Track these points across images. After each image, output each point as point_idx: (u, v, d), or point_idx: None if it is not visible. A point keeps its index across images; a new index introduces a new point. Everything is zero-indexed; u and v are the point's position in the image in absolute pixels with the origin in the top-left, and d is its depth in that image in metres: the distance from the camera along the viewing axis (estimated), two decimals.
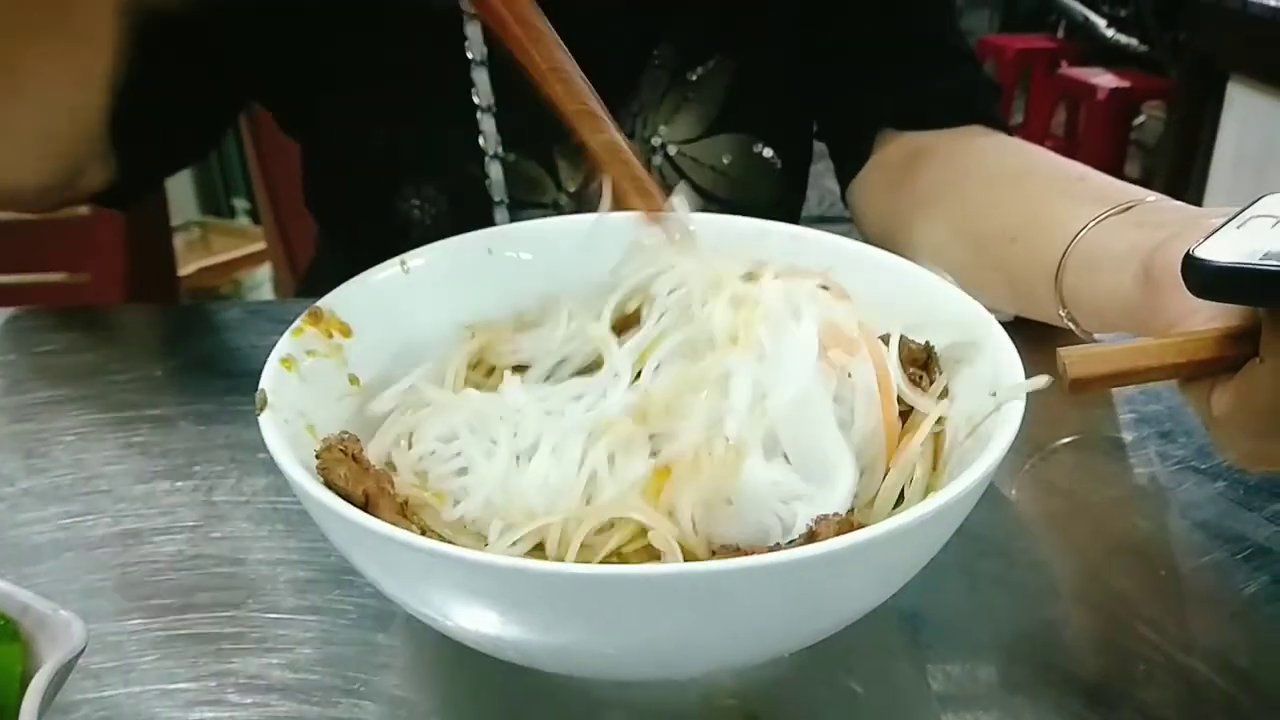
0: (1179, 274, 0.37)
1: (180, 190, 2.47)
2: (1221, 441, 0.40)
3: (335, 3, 0.72)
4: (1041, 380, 0.40)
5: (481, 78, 0.72)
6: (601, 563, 0.40)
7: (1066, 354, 0.37)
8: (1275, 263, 0.34)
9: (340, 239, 0.90)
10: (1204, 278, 0.35)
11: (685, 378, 0.44)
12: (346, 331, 0.48)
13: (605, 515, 0.40)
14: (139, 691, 0.42)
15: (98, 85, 0.59)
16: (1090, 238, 0.53)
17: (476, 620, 0.36)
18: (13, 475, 0.54)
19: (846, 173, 0.80)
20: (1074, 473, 0.57)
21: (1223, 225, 0.37)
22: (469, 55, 0.72)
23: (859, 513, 0.42)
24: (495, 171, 0.74)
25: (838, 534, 0.36)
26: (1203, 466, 0.55)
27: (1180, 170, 2.64)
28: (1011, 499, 0.54)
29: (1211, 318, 0.39)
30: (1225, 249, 0.35)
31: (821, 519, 0.38)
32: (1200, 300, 0.38)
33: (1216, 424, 0.39)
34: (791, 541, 0.38)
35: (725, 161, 0.78)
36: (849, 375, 0.43)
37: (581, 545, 0.40)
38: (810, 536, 0.37)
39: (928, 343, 0.47)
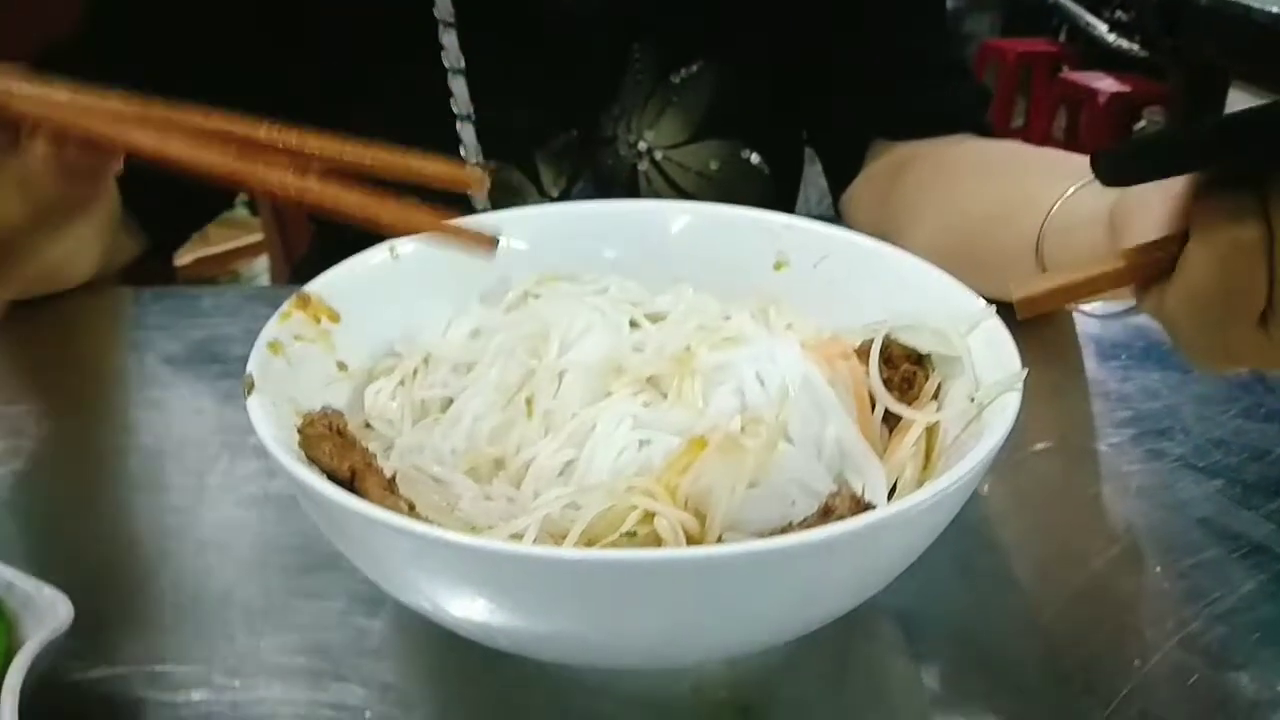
0: (1129, 212, 0.39)
1: None
2: (1187, 349, 0.40)
3: (311, 17, 0.71)
4: (1018, 373, 0.40)
5: (459, 86, 0.72)
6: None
7: (1014, 282, 0.38)
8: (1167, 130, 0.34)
9: (334, 235, 0.89)
10: (1106, 162, 0.36)
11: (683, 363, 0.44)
12: (334, 317, 0.47)
13: (606, 502, 0.39)
14: (125, 673, 0.41)
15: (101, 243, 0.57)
16: (1065, 206, 0.54)
17: (465, 606, 0.36)
18: (1, 456, 0.53)
19: (839, 184, 0.80)
20: (1070, 469, 0.56)
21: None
22: (445, 64, 0.71)
23: None
24: (476, 179, 0.74)
25: (852, 510, 0.36)
26: (1200, 464, 0.55)
27: None
28: (1007, 495, 0.53)
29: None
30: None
31: (836, 494, 0.37)
32: (1148, 227, 0.39)
33: (1175, 326, 0.39)
34: (805, 519, 0.38)
35: (712, 167, 0.78)
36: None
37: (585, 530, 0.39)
38: (826, 511, 0.37)
39: (925, 356, 0.47)
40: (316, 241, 0.99)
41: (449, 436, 0.44)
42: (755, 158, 0.79)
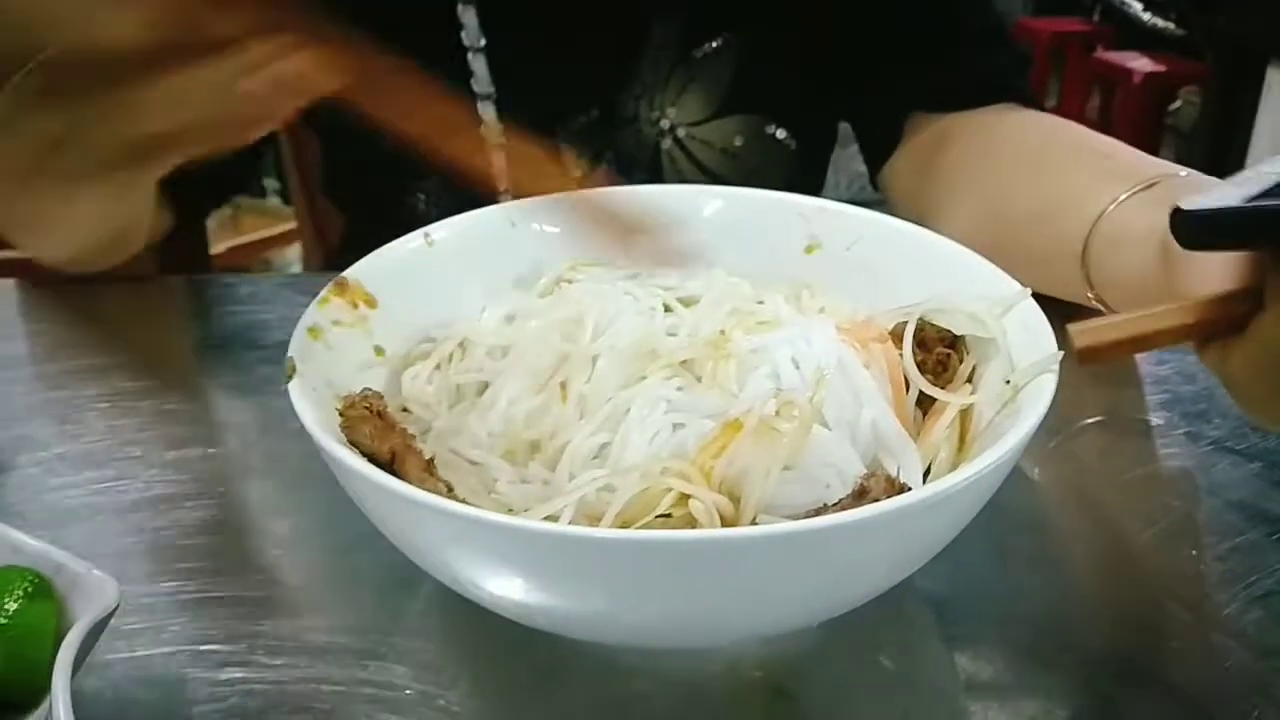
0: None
1: None
2: (1242, 403, 0.40)
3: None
4: (1054, 355, 0.40)
5: (480, 65, 0.71)
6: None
7: (1074, 327, 0.37)
8: (1259, 203, 0.33)
9: (363, 229, 0.90)
10: (1188, 226, 0.35)
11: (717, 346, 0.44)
12: (372, 302, 0.48)
13: (642, 484, 0.39)
14: (170, 652, 0.42)
15: (144, 205, 0.58)
16: (1113, 217, 0.52)
17: (503, 586, 0.36)
18: (47, 440, 0.54)
19: (877, 158, 0.79)
20: (1106, 452, 0.56)
21: (1219, 184, 0.37)
22: (465, 42, 0.71)
23: None
24: (499, 160, 0.74)
25: (887, 492, 0.36)
26: (1237, 447, 0.54)
27: (1216, 157, 2.60)
28: (1041, 478, 0.53)
29: (1223, 285, 0.38)
30: (1212, 200, 0.35)
31: (871, 475, 0.37)
32: (1211, 268, 0.38)
33: (1235, 385, 0.38)
34: (840, 500, 0.38)
35: (737, 144, 0.77)
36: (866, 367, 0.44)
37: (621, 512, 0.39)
38: (861, 493, 0.37)
39: (960, 337, 0.47)
40: (350, 230, 0.99)
41: (485, 420, 0.45)
42: (781, 133, 0.78)
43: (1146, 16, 3.26)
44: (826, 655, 0.43)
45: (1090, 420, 0.58)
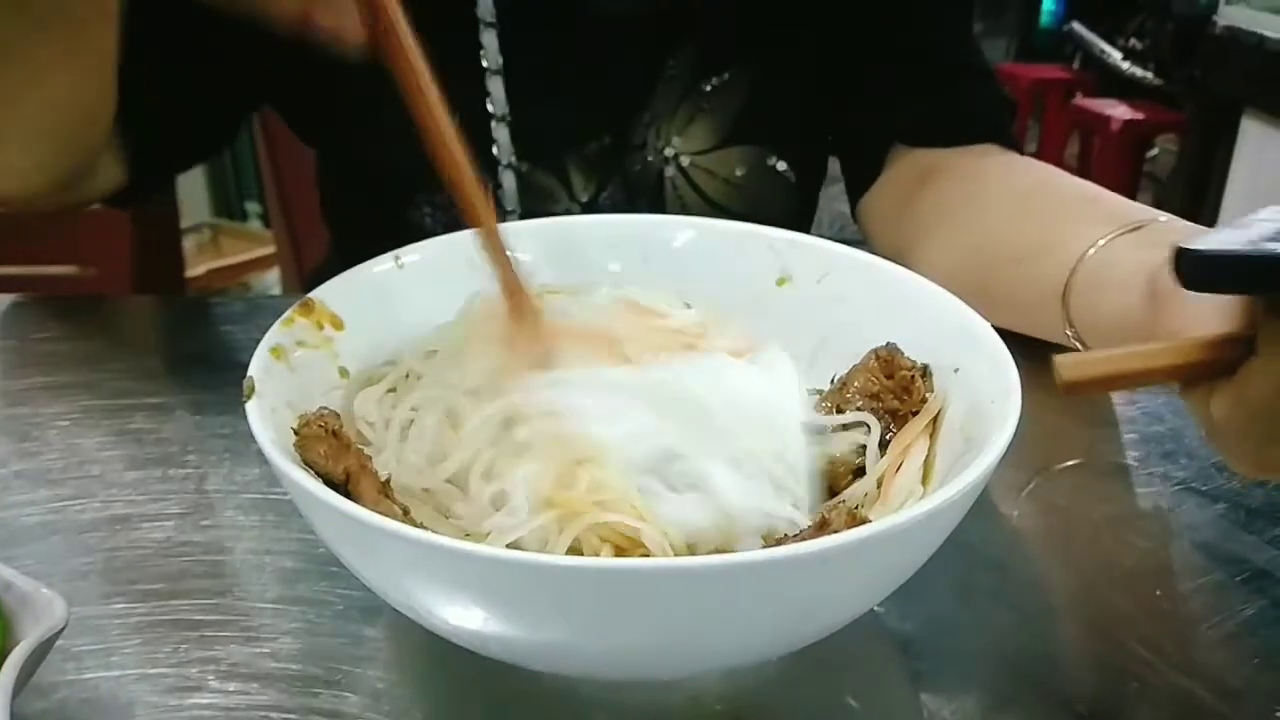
0: (1178, 289, 0.36)
1: (193, 191, 2.48)
2: (1224, 449, 0.39)
3: None
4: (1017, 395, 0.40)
5: (496, 86, 0.72)
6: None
7: (1060, 359, 0.37)
8: (1264, 247, 0.33)
9: (353, 248, 0.89)
10: (1192, 266, 0.35)
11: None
12: (338, 324, 0.48)
13: (596, 517, 0.39)
14: (119, 675, 0.41)
15: (100, 77, 0.58)
16: (1098, 258, 0.52)
17: (459, 614, 0.36)
18: (4, 458, 0.54)
19: (857, 189, 0.80)
20: (1074, 492, 0.56)
21: (1220, 228, 0.37)
22: (484, 64, 0.72)
23: None
24: (508, 181, 0.74)
25: (847, 523, 0.36)
26: (1204, 488, 0.55)
27: (1193, 204, 2.64)
28: (1011, 517, 0.53)
29: (1212, 329, 0.38)
30: (1217, 243, 0.35)
31: (831, 507, 0.37)
32: (1201, 311, 0.38)
33: (1216, 430, 0.38)
34: (800, 532, 0.38)
35: (739, 174, 0.78)
36: None
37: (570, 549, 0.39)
38: (821, 524, 0.37)
39: (925, 366, 0.47)
40: (332, 257, 0.99)
41: (416, 449, 0.44)
42: (781, 165, 0.79)
43: (1125, 65, 3.31)
44: (788, 688, 0.42)
45: (1058, 461, 0.58)
